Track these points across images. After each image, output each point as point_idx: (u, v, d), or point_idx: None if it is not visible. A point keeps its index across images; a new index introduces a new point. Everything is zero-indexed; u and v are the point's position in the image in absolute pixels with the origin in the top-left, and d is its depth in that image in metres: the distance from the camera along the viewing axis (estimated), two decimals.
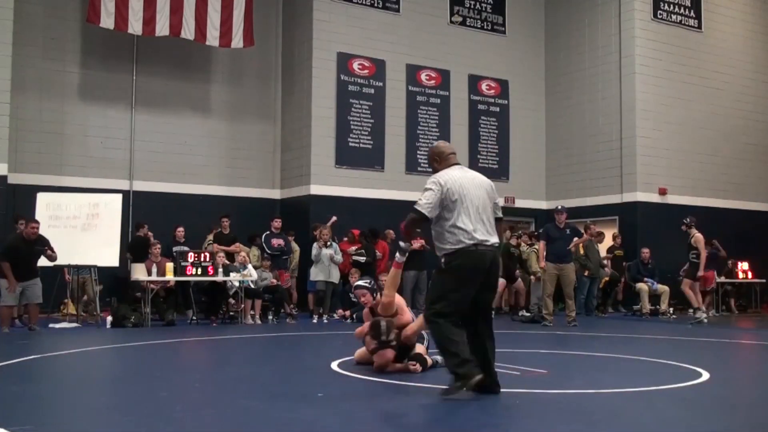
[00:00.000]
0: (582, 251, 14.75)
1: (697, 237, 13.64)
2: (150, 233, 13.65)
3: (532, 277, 14.76)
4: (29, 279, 11.01)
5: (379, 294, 6.97)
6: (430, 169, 5.69)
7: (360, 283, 7.30)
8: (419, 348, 6.68)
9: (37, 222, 11.14)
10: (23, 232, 11.05)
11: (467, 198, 5.39)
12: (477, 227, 5.38)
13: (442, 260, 5.45)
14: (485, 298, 5.56)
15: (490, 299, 5.68)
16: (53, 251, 11.17)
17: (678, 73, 17.68)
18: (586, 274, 14.81)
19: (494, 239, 5.45)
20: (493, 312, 15.66)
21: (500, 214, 5.70)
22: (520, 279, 15.00)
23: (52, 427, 4.51)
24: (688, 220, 13.91)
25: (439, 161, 5.63)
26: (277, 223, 14.15)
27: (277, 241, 13.97)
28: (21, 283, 10.89)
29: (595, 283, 15.21)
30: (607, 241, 16.54)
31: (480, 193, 5.47)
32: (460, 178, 5.47)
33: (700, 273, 13.84)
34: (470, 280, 5.36)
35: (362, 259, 14.06)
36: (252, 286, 12.71)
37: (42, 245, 11.07)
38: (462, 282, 5.36)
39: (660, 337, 10.81)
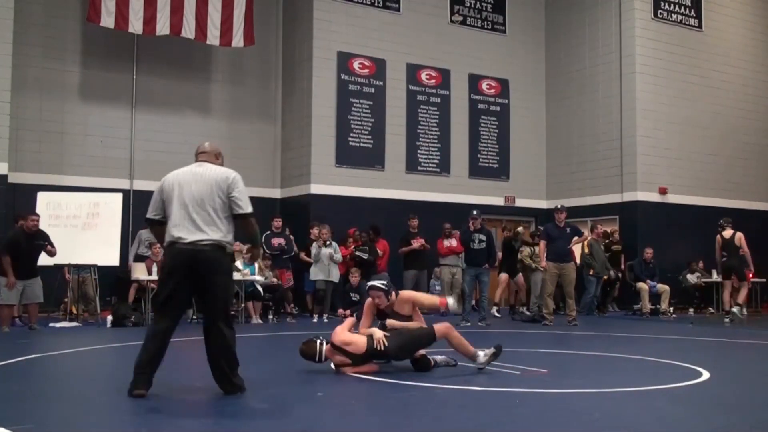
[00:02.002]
0: (587, 250, 14.76)
1: (739, 235, 13.71)
2: None
3: (519, 275, 14.84)
4: (30, 278, 11.02)
5: (394, 294, 6.82)
6: (431, 169, 5.71)
7: (375, 283, 6.87)
8: None
9: (37, 215, 11.17)
10: (24, 226, 11.07)
11: (178, 193, 5.28)
12: (180, 223, 5.23)
13: None
14: (206, 301, 5.35)
15: (212, 303, 5.32)
16: (53, 246, 11.20)
17: (678, 72, 17.68)
18: (591, 273, 14.81)
19: (201, 236, 5.20)
20: (496, 308, 15.56)
21: (241, 210, 5.31)
22: (520, 274, 15.01)
23: (53, 425, 4.51)
24: (722, 221, 14.00)
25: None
26: (277, 223, 14.14)
27: (277, 241, 13.96)
28: (21, 281, 10.90)
29: (599, 282, 15.25)
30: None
31: (199, 188, 5.26)
32: (183, 173, 5.39)
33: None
34: (169, 278, 5.28)
35: (365, 255, 14.07)
36: (258, 287, 12.75)
37: (42, 239, 11.09)
38: (164, 279, 5.38)
39: (660, 337, 10.82)
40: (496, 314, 14.45)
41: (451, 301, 7.07)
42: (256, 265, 12.98)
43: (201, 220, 5.23)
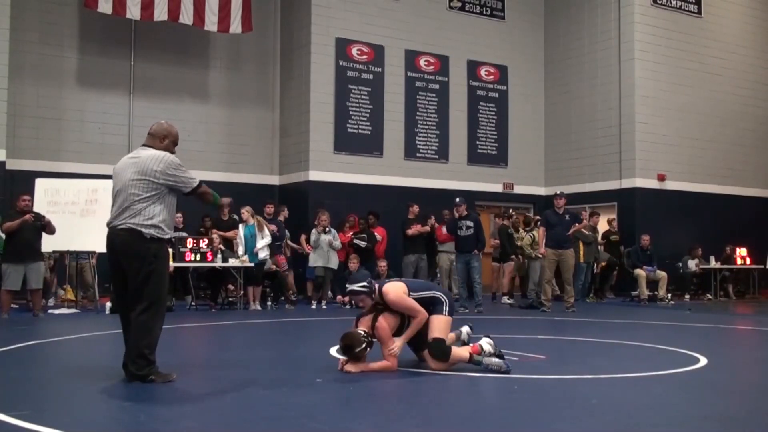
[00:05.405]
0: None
1: None
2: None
3: (517, 258, 14.91)
4: (32, 261, 10.97)
5: (376, 291, 5.97)
6: (430, 155, 5.65)
7: (355, 288, 6.05)
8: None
9: (28, 195, 11.20)
10: (17, 207, 11.05)
11: (114, 182, 5.50)
12: (112, 210, 5.48)
13: None
14: (127, 284, 5.41)
15: (130, 285, 5.38)
16: (51, 223, 11.15)
17: (677, 58, 17.63)
18: (580, 260, 14.86)
19: (119, 221, 5.36)
20: (506, 297, 15.56)
21: (186, 189, 5.53)
22: (513, 261, 15.07)
23: (51, 411, 4.52)
24: None
25: None
26: (269, 209, 13.89)
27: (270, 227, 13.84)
28: (23, 265, 10.85)
29: (588, 268, 15.32)
30: (603, 226, 16.59)
31: (124, 174, 5.41)
32: (122, 161, 5.58)
33: None
34: (108, 262, 5.58)
35: (363, 243, 14.05)
36: (262, 255, 12.53)
37: (39, 219, 11.04)
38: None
39: (658, 323, 10.85)
40: (507, 301, 14.67)
41: (487, 347, 6.07)
42: (255, 225, 12.74)
43: (123, 205, 5.38)
